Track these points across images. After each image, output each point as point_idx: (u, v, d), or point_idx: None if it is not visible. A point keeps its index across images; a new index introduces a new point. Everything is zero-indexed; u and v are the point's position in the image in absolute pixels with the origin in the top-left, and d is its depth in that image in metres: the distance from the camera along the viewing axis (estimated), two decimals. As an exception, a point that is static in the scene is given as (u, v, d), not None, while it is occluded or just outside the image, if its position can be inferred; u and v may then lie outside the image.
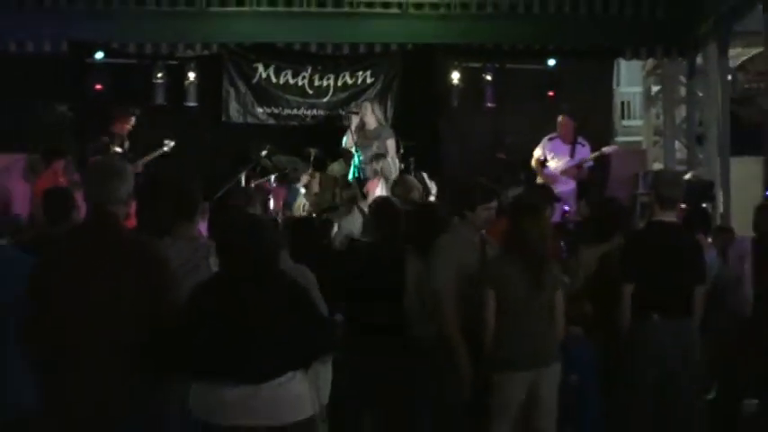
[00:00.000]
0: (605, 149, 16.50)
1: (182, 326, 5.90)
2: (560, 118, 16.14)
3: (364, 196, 13.79)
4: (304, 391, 5.95)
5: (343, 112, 17.20)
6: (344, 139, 16.10)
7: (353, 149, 15.61)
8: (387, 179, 14.12)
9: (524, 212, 8.52)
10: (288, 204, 15.42)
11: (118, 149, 14.79)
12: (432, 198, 14.02)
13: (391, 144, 15.78)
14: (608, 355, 8.72)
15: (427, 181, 14.85)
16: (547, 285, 8.19)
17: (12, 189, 15.98)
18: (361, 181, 15.23)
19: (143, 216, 7.86)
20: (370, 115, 15.98)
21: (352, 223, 12.86)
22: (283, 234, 8.84)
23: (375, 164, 14.87)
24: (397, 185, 12.70)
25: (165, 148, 15.62)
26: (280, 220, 12.92)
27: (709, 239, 10.93)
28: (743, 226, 12.36)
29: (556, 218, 12.36)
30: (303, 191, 15.54)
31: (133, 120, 15.60)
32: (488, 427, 8.21)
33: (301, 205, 15.15)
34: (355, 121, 16.11)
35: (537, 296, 8.15)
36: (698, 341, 8.87)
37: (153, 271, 6.09)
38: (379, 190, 13.79)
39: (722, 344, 10.41)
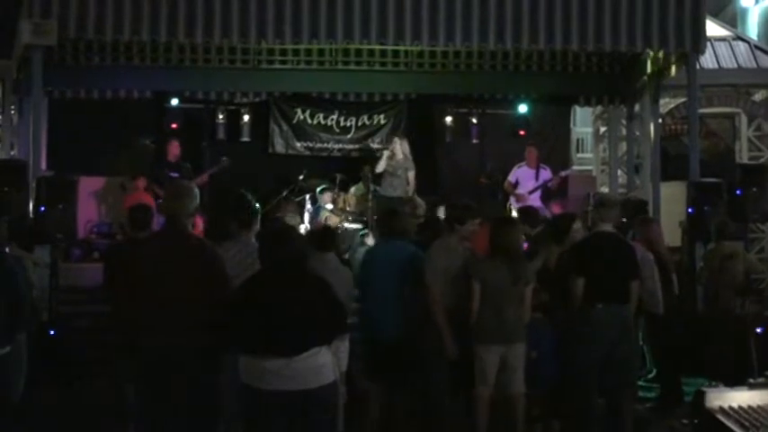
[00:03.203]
0: (562, 173, 16.58)
1: (232, 311, 5.95)
2: (528, 148, 16.21)
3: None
4: (327, 361, 5.99)
5: (376, 146, 17.43)
6: (379, 163, 16.10)
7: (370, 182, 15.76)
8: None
9: (503, 225, 8.62)
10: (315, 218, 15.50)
11: (174, 174, 14.76)
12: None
13: (412, 175, 15.88)
14: (562, 333, 8.76)
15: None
16: (520, 281, 8.29)
17: (109, 203, 16.09)
18: (373, 199, 15.39)
19: (212, 224, 7.90)
20: (399, 149, 15.99)
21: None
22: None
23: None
24: (407, 204, 12.82)
25: (224, 164, 15.67)
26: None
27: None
28: (670, 237, 12.36)
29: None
30: (330, 206, 15.57)
31: (177, 145, 15.63)
32: (474, 391, 8.30)
33: (324, 218, 15.21)
34: (387, 152, 16.16)
35: (511, 289, 8.26)
36: (632, 322, 8.93)
37: (212, 267, 6.19)
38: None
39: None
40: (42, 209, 11.98)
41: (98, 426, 9.16)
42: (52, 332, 11.32)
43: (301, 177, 16.46)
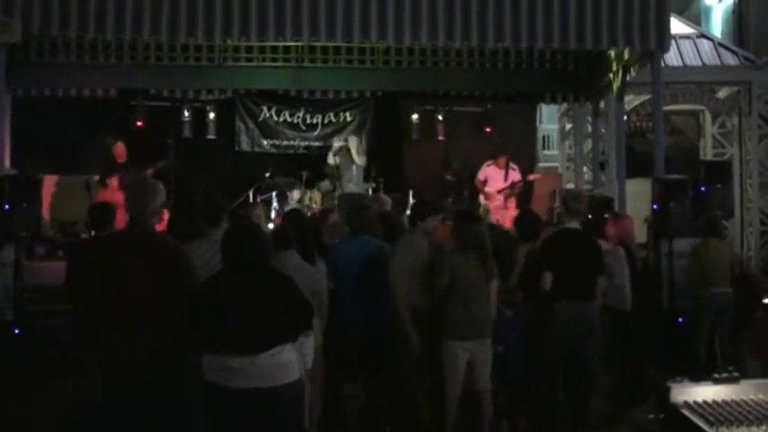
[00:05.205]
0: (530, 177, 16.62)
1: (195, 309, 5.91)
2: (499, 157, 16.14)
3: None
4: (292, 358, 5.96)
5: (338, 143, 17.35)
6: (329, 157, 16.30)
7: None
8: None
9: (468, 220, 8.63)
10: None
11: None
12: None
13: (362, 165, 16.16)
14: (529, 329, 8.79)
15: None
16: (489, 276, 8.28)
17: (74, 201, 15.95)
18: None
19: (179, 223, 7.82)
20: (354, 145, 16.16)
21: None
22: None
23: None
24: (374, 202, 12.82)
25: (166, 161, 15.47)
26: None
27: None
28: (635, 233, 12.39)
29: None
30: (294, 203, 15.56)
31: (122, 146, 15.44)
32: (444, 388, 8.27)
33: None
34: (342, 145, 16.33)
35: (480, 283, 8.24)
36: (598, 321, 8.93)
37: (176, 265, 6.13)
38: None
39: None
40: (6, 207, 11.87)
41: (65, 425, 9.07)
42: (16, 331, 11.23)
43: (268, 175, 16.46)
